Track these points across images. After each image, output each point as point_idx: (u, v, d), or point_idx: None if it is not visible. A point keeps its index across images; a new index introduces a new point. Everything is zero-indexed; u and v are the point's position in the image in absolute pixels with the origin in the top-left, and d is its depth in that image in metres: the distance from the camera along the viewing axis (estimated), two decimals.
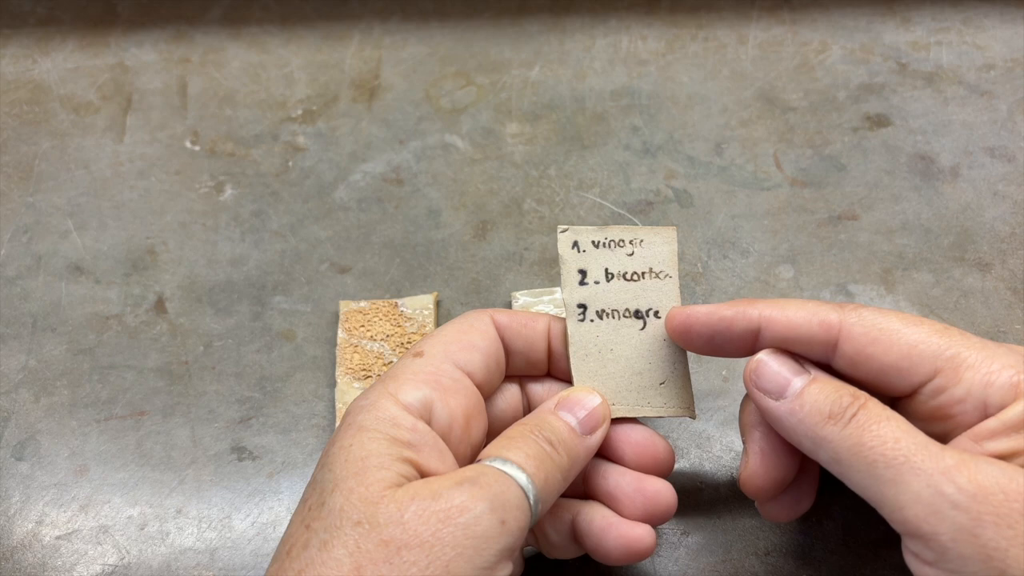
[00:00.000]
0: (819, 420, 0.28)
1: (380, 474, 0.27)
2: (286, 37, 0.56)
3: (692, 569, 0.35)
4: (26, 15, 0.57)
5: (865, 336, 0.29)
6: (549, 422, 0.31)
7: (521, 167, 0.49)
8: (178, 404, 0.41)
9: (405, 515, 0.26)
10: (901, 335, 0.29)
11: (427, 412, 0.29)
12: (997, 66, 0.53)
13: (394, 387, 0.30)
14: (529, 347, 0.33)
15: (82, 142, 0.51)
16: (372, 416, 0.29)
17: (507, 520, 0.26)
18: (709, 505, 0.37)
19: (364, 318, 0.42)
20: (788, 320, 0.30)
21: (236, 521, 0.37)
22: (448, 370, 0.31)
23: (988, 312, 0.43)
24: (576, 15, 0.57)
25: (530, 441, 0.29)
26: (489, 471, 0.28)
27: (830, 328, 0.30)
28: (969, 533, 0.24)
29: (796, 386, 0.29)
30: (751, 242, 0.46)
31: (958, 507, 0.25)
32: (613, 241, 0.34)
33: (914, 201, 0.47)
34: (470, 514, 0.26)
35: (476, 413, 0.31)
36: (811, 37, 0.55)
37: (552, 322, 0.34)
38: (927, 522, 0.25)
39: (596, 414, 0.32)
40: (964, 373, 0.28)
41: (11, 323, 0.43)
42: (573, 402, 0.32)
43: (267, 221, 0.47)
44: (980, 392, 0.28)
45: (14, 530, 0.37)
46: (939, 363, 0.28)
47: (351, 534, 0.25)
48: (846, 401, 0.28)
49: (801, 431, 0.28)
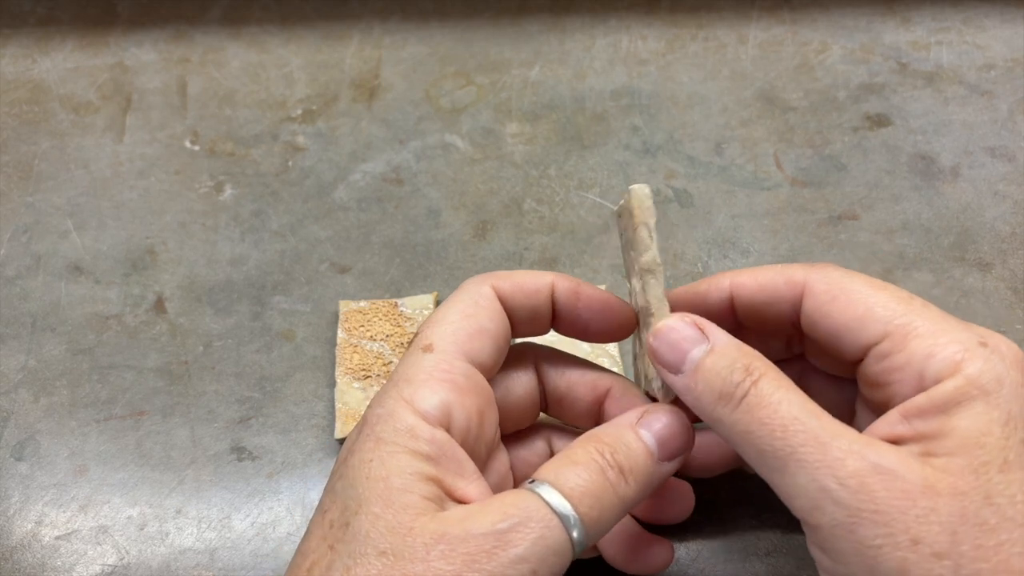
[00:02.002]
0: (711, 400, 0.27)
1: (405, 499, 0.26)
2: (286, 37, 0.56)
3: (692, 569, 0.35)
4: (26, 15, 0.57)
5: (826, 294, 0.28)
6: (626, 442, 0.28)
7: (521, 167, 0.49)
8: (178, 404, 0.41)
9: (432, 552, 0.25)
10: (860, 295, 0.28)
11: (446, 418, 0.28)
12: (997, 66, 0.53)
13: (409, 392, 0.28)
14: (533, 313, 0.31)
15: (82, 142, 0.51)
16: (391, 427, 0.27)
17: (539, 570, 0.25)
18: (709, 505, 0.37)
19: (364, 318, 0.42)
20: (756, 282, 0.30)
21: (236, 521, 0.37)
22: (461, 367, 0.29)
23: (988, 312, 0.43)
24: (576, 15, 0.57)
25: (595, 470, 0.27)
26: (534, 508, 0.25)
27: (795, 286, 0.29)
28: (846, 529, 0.24)
29: (694, 357, 0.28)
30: (751, 242, 0.46)
31: (838, 503, 0.24)
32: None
33: (914, 201, 0.47)
34: (498, 562, 0.24)
35: (488, 408, 0.30)
36: (811, 37, 0.55)
37: (556, 280, 0.32)
38: (811, 515, 0.25)
39: (680, 438, 0.28)
40: (911, 341, 0.26)
41: (11, 323, 0.43)
42: (658, 421, 0.29)
43: (267, 221, 0.47)
44: (919, 363, 0.26)
45: (14, 530, 0.37)
46: (890, 327, 0.27)
47: (375, 563, 0.25)
48: (738, 377, 0.26)
49: (698, 409, 0.28)
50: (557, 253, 0.46)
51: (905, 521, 0.23)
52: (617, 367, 0.40)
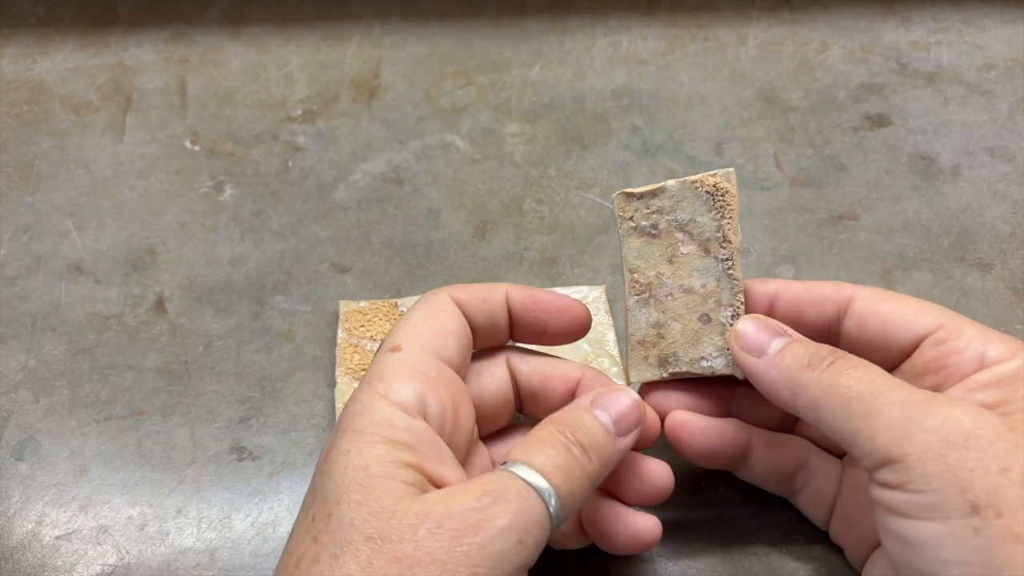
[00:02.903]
0: (798, 369, 0.29)
1: (386, 484, 0.26)
2: (286, 37, 0.56)
3: (692, 569, 0.35)
4: (26, 15, 0.57)
5: (876, 296, 0.32)
6: (583, 422, 0.29)
7: (521, 167, 0.49)
8: (178, 404, 0.41)
9: (419, 532, 0.25)
10: (909, 300, 0.32)
11: (422, 407, 0.29)
12: (997, 66, 0.53)
13: (383, 387, 0.29)
14: (490, 320, 0.33)
15: (82, 142, 0.51)
16: (367, 420, 0.28)
17: (525, 539, 0.26)
18: (709, 505, 0.37)
19: (364, 318, 0.42)
20: (803, 286, 0.33)
21: (236, 521, 0.37)
22: (430, 361, 0.30)
23: (988, 312, 0.43)
24: (576, 15, 0.57)
25: (560, 447, 0.28)
26: (512, 484, 0.27)
27: (843, 290, 0.32)
28: (936, 453, 0.25)
29: (776, 345, 0.31)
30: (751, 242, 0.46)
31: (927, 430, 0.26)
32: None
33: (914, 201, 0.47)
34: (485, 534, 0.25)
35: (462, 401, 0.31)
36: (811, 37, 0.55)
37: (510, 290, 0.33)
38: (897, 445, 0.26)
39: (632, 414, 0.30)
40: (966, 331, 0.30)
41: (11, 323, 0.43)
42: (610, 401, 0.30)
43: (267, 221, 0.47)
44: (980, 347, 0.29)
45: (14, 530, 0.37)
46: (943, 320, 0.30)
47: (363, 549, 0.25)
48: (824, 352, 0.29)
49: (781, 382, 0.30)
50: (557, 253, 0.46)
51: (994, 451, 0.25)
52: (616, 367, 0.40)
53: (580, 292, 0.43)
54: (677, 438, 0.33)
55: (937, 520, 0.25)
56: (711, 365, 0.33)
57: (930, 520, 0.25)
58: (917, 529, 0.25)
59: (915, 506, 0.25)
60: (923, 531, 0.25)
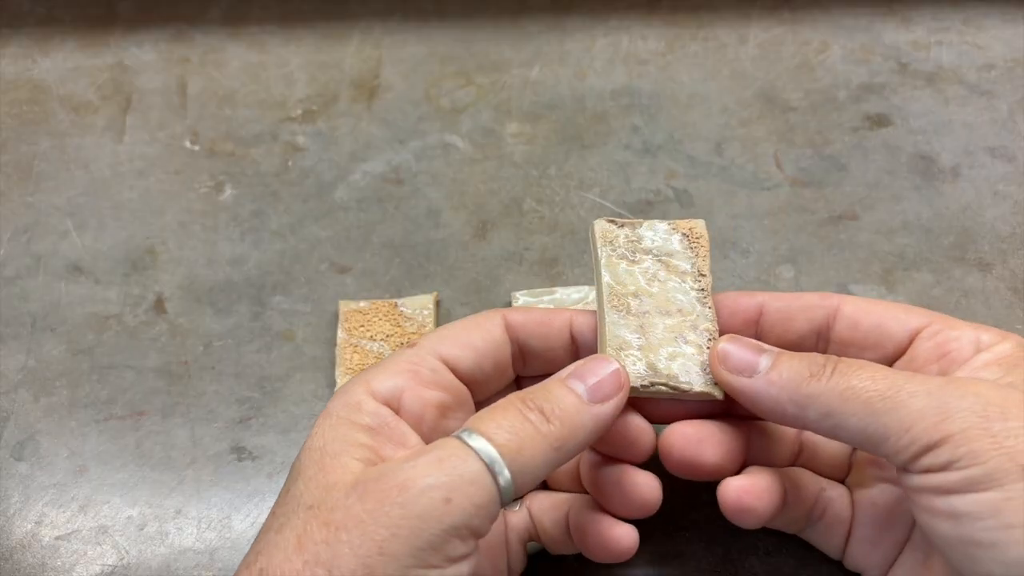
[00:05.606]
0: (801, 381, 0.28)
1: (337, 460, 0.27)
2: (286, 37, 0.56)
3: (692, 569, 0.35)
4: (26, 15, 0.57)
5: (865, 300, 0.33)
6: (548, 389, 0.29)
7: (521, 167, 0.49)
8: (178, 404, 0.41)
9: (350, 498, 0.26)
10: (896, 303, 0.33)
11: (395, 400, 0.29)
12: (997, 66, 0.53)
13: (370, 376, 0.30)
14: (547, 345, 0.33)
15: (82, 142, 0.51)
16: (341, 403, 0.29)
17: (454, 498, 0.25)
18: (709, 505, 0.36)
19: (364, 318, 0.42)
20: (790, 295, 0.33)
21: (236, 521, 0.37)
22: (430, 362, 0.31)
23: (988, 312, 0.43)
24: (576, 15, 0.57)
25: (511, 411, 0.28)
26: (447, 444, 0.26)
27: (830, 298, 0.32)
28: (980, 429, 0.25)
29: (765, 362, 0.30)
30: (751, 242, 0.46)
31: (963, 410, 0.26)
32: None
33: (914, 201, 0.47)
34: (408, 493, 0.25)
35: (456, 406, 0.31)
36: (811, 37, 0.55)
37: (575, 316, 0.33)
38: (937, 430, 0.26)
39: (608, 381, 0.29)
40: (955, 323, 0.31)
41: (10, 323, 0.43)
42: (586, 370, 0.29)
43: (267, 221, 0.47)
44: (973, 333, 0.30)
45: (13, 530, 0.37)
46: (932, 317, 0.31)
47: (302, 516, 0.26)
48: (820, 359, 0.29)
49: (784, 397, 0.29)
50: (557, 253, 0.46)
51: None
52: None
53: (580, 292, 0.43)
54: (740, 511, 0.31)
55: (993, 489, 0.25)
56: (689, 381, 0.31)
57: (986, 490, 0.25)
58: (971, 501, 0.25)
59: (968, 481, 0.25)
60: (978, 502, 0.25)
